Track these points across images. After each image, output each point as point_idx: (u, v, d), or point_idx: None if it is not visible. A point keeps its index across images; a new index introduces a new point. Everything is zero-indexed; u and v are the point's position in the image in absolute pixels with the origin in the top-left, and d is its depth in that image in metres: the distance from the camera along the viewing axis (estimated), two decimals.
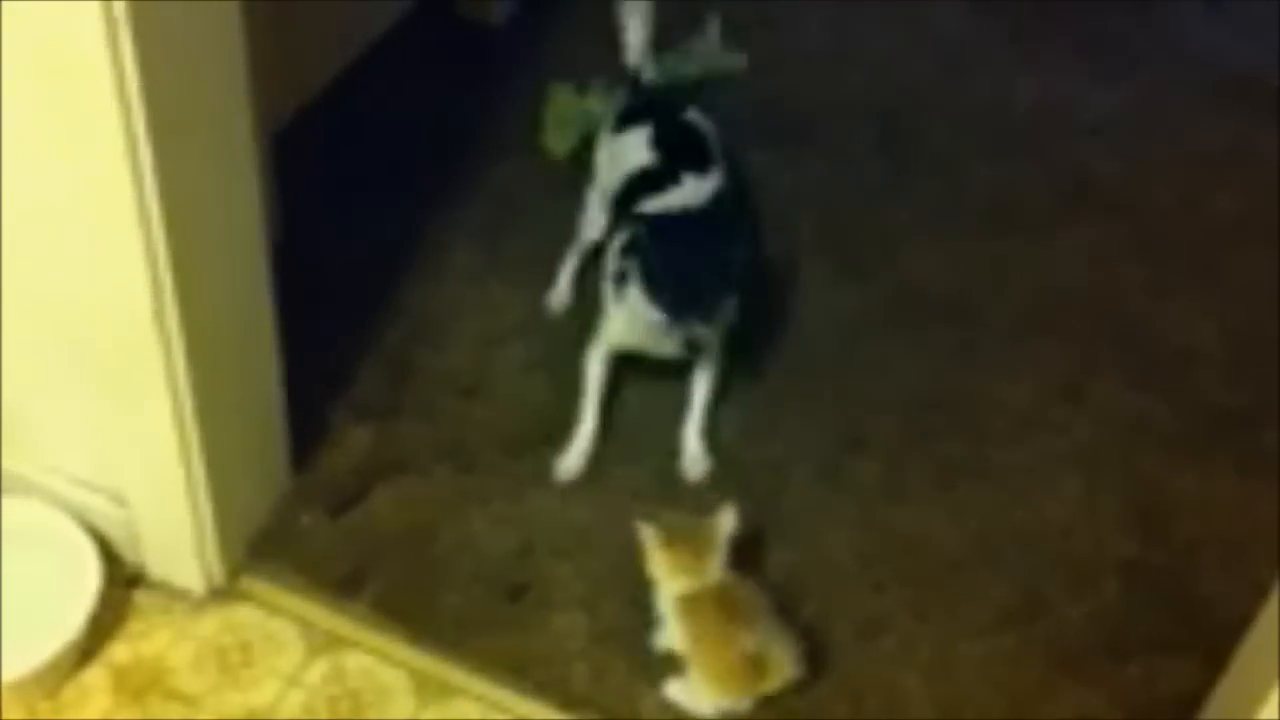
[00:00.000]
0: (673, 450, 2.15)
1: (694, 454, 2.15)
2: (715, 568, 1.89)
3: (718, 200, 2.15)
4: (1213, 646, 1.84)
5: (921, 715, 1.93)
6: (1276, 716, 1.52)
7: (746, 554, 1.97)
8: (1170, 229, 2.60)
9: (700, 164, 2.19)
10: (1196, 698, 1.83)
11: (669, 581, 1.90)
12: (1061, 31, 2.99)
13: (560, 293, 2.37)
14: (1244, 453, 2.24)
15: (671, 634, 1.91)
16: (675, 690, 1.91)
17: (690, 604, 1.88)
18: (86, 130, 1.57)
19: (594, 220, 2.32)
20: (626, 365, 2.25)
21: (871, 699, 1.93)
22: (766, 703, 1.90)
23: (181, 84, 1.60)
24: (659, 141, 2.21)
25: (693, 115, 2.30)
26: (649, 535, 1.90)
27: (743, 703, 1.89)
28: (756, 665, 1.86)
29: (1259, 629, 1.68)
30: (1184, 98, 2.85)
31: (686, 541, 1.89)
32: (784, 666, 1.87)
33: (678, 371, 2.18)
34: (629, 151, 2.23)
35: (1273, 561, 1.97)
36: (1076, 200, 2.64)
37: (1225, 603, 2.00)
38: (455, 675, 1.93)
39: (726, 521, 1.90)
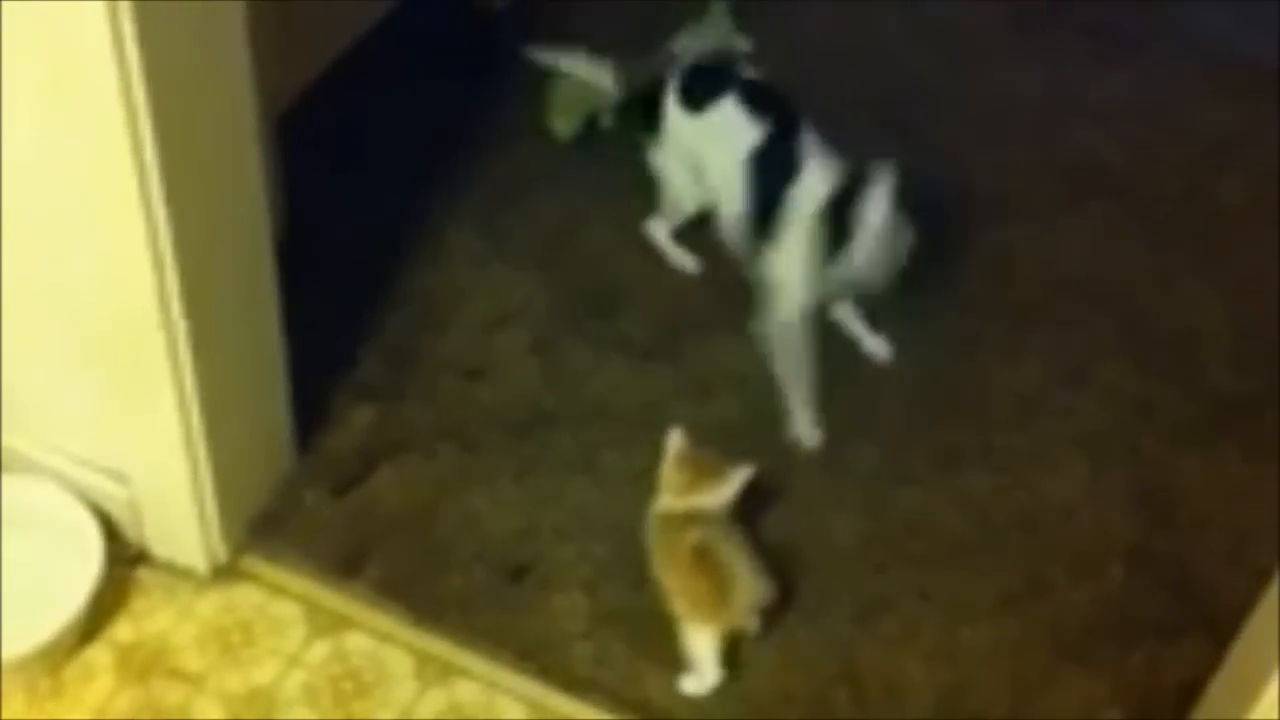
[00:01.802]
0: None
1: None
2: (703, 499, 1.89)
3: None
4: (1217, 631, 1.85)
5: (923, 699, 1.93)
6: (1279, 701, 1.51)
7: (750, 536, 1.98)
8: (1175, 214, 2.59)
9: (795, 122, 2.21)
10: (1200, 682, 1.83)
11: (663, 494, 1.92)
12: (1066, 18, 2.98)
13: (684, 258, 2.43)
14: (1249, 437, 2.23)
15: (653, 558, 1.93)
16: (689, 683, 1.91)
17: (665, 521, 1.90)
18: (89, 111, 1.56)
19: (685, 194, 2.35)
20: (617, 348, 2.25)
21: (873, 683, 1.93)
22: (763, 683, 1.90)
23: (184, 67, 1.60)
24: (754, 112, 2.21)
25: (749, 72, 2.31)
26: (675, 443, 1.91)
27: (719, 628, 1.89)
28: (706, 564, 1.85)
29: (1261, 613, 1.68)
30: (1189, 84, 2.84)
31: (698, 467, 1.90)
32: (750, 586, 1.86)
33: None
34: (727, 134, 2.22)
35: (1276, 546, 1.97)
36: (1082, 186, 2.63)
37: (1229, 587, 2.00)
38: (457, 656, 1.93)
39: (743, 473, 1.90)
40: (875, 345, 2.31)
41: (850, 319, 2.31)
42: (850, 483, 2.15)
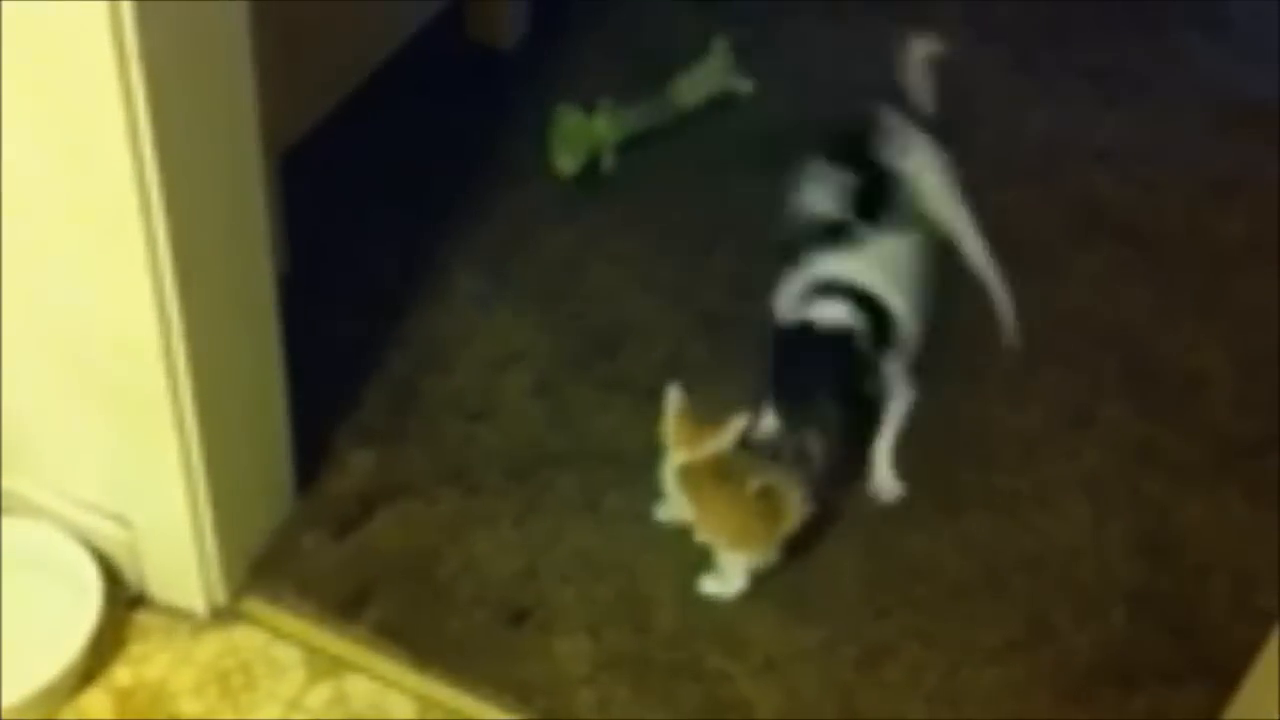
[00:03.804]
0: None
1: (883, 476, 2.17)
2: (714, 446, 1.97)
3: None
4: (1220, 675, 1.83)
5: None
6: None
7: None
8: (1178, 254, 2.59)
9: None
10: None
11: (673, 451, 2.01)
12: (1067, 59, 2.98)
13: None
14: (1253, 479, 2.22)
15: (678, 505, 2.03)
16: (709, 584, 2.01)
17: (689, 472, 1.99)
18: (94, 155, 1.57)
19: None
20: (621, 389, 2.25)
21: None
22: None
23: (189, 108, 1.60)
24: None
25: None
26: (674, 400, 2.01)
27: (768, 555, 2.00)
28: (767, 502, 1.96)
29: (1265, 658, 1.67)
30: (1191, 124, 2.84)
31: (699, 420, 2.00)
32: (795, 503, 1.97)
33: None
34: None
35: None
36: (1084, 226, 2.63)
37: (1233, 631, 1.99)
38: (458, 700, 1.92)
39: (739, 422, 1.98)
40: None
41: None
42: (853, 525, 2.14)
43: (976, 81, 2.91)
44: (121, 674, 1.92)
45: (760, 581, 2.04)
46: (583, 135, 2.59)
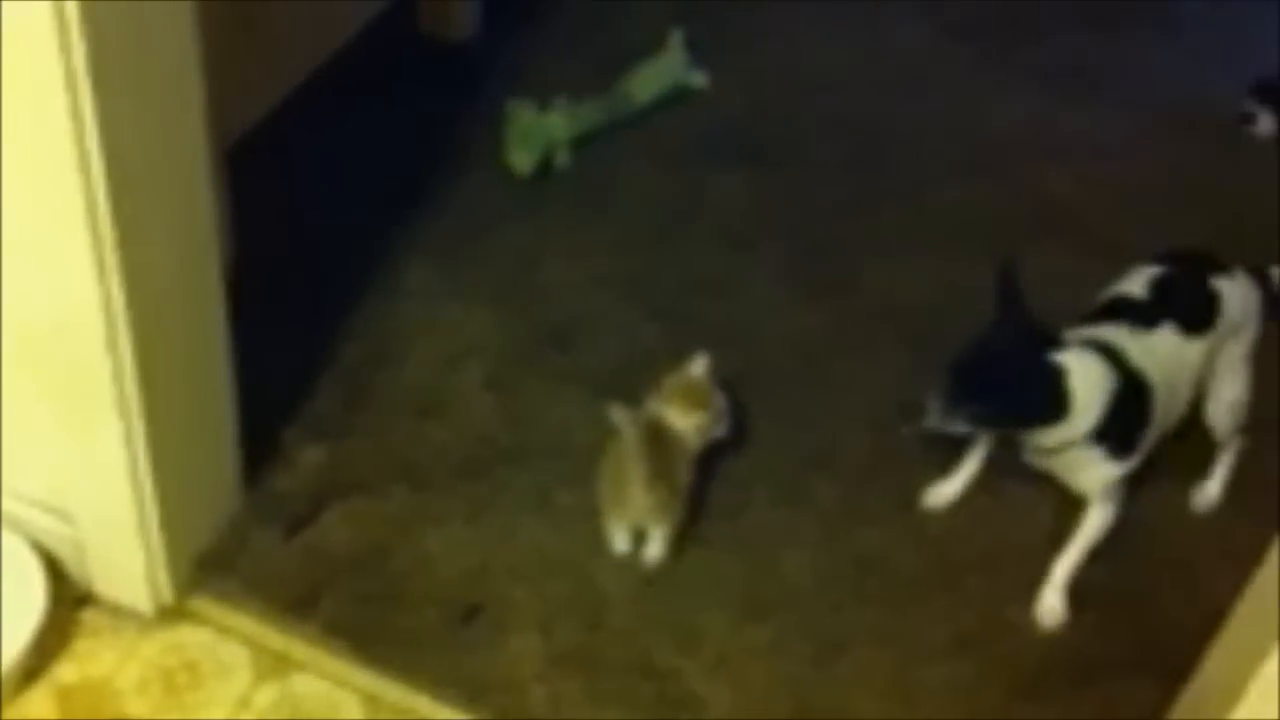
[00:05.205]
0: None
1: (1051, 598, 2.05)
2: (675, 417, 2.03)
3: None
4: (1173, 669, 1.84)
5: None
6: None
7: (704, 566, 2.01)
8: (1136, 253, 2.58)
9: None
10: None
11: (649, 400, 2.06)
12: (1028, 56, 2.99)
13: None
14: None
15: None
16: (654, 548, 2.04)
17: (660, 432, 2.02)
18: (38, 146, 1.55)
19: None
20: (574, 384, 2.25)
21: None
22: None
23: (136, 101, 1.58)
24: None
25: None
26: (699, 366, 2.08)
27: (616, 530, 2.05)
28: (618, 485, 2.00)
29: (1216, 653, 1.67)
30: (1147, 124, 2.85)
31: (694, 393, 2.05)
32: (638, 499, 1.98)
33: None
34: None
35: (1232, 583, 1.96)
36: (1042, 223, 2.63)
37: (1186, 627, 1.98)
38: (408, 699, 1.91)
39: (719, 425, 2.07)
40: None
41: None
42: (808, 519, 2.14)
43: (934, 79, 2.92)
44: (66, 672, 1.90)
45: (713, 577, 2.03)
46: (537, 132, 2.58)
